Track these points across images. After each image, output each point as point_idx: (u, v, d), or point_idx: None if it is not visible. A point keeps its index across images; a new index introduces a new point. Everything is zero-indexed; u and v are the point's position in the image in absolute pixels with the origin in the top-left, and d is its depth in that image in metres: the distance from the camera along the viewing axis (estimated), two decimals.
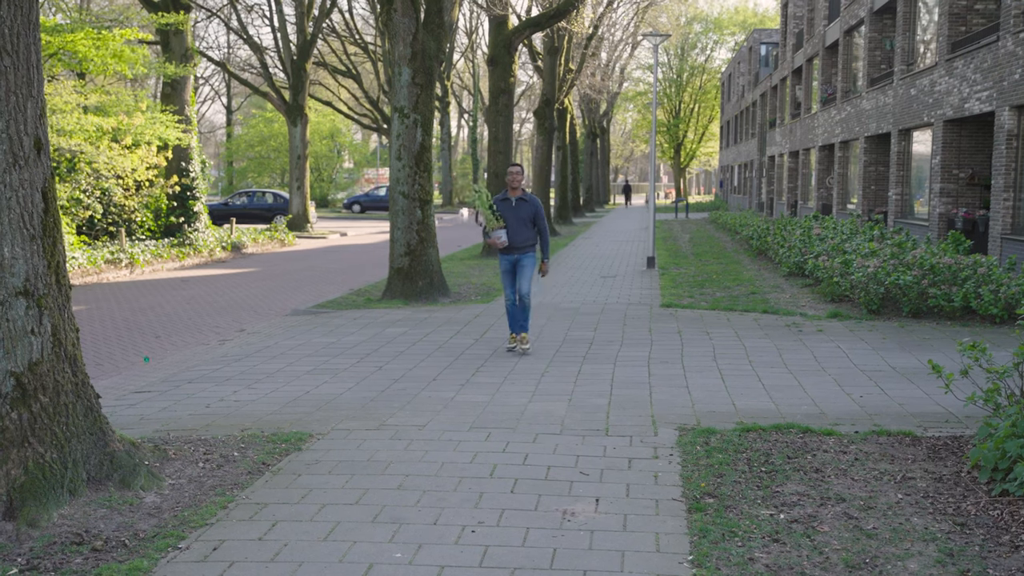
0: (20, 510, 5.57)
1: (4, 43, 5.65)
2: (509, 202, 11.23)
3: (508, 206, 11.21)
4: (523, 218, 11.17)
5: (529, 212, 11.19)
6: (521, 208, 11.20)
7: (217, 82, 75.76)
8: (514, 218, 11.16)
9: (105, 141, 23.43)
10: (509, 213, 11.17)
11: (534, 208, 11.20)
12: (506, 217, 11.14)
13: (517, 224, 11.17)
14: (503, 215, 11.14)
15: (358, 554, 5.17)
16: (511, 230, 11.16)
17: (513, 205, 11.20)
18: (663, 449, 7.17)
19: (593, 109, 61.71)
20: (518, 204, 11.21)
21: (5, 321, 5.69)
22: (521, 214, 11.17)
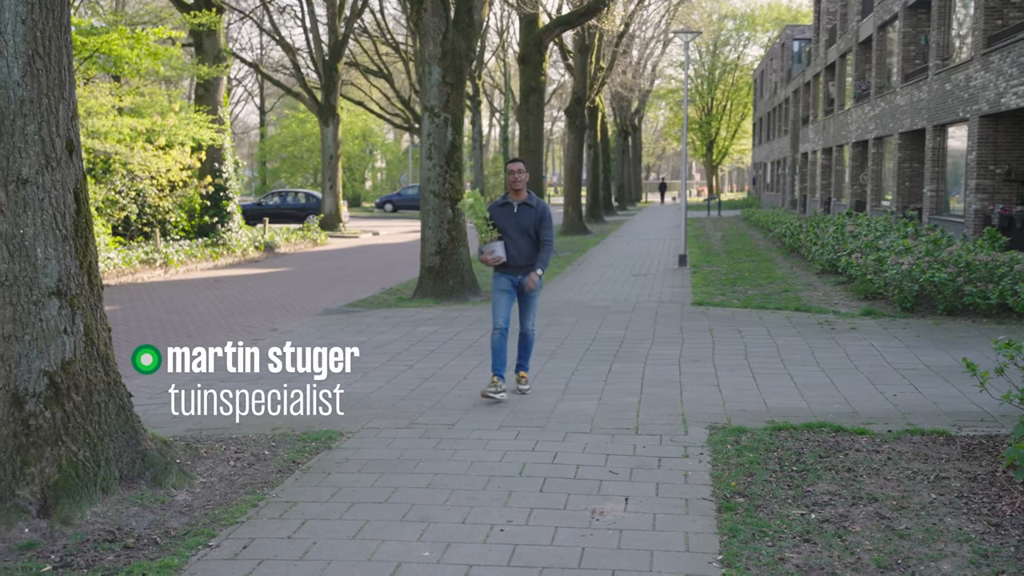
0: (54, 508, 5.64)
1: (36, 46, 5.71)
2: (509, 208, 9.02)
3: (507, 213, 9.01)
4: (526, 228, 8.97)
5: (533, 220, 8.97)
6: (524, 215, 8.97)
7: (250, 83, 76.20)
8: (515, 228, 8.94)
9: (139, 142, 23.63)
10: (508, 222, 8.97)
11: (539, 215, 9.00)
12: (505, 227, 8.96)
13: (518, 235, 8.95)
14: (501, 224, 8.98)
15: (387, 552, 5.18)
16: (511, 243, 8.95)
17: (514, 211, 8.98)
18: (693, 448, 7.14)
19: (624, 107, 61.56)
20: (520, 210, 8.98)
21: (38, 321, 5.75)
22: (523, 222, 8.96)
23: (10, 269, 5.69)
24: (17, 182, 5.67)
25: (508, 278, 8.99)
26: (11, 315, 5.70)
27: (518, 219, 8.98)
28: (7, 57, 5.62)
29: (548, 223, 9.04)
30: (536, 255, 8.96)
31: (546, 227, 9.03)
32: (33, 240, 5.73)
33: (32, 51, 5.69)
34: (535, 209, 9.02)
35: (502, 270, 9.00)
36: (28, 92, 5.68)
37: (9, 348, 5.70)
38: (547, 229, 9.03)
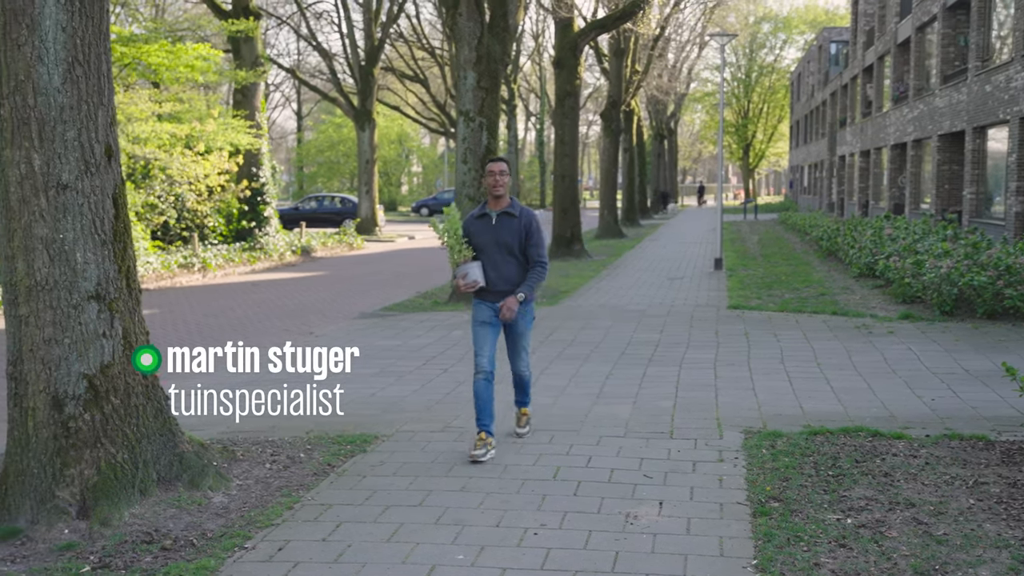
0: (93, 509, 5.71)
1: (76, 53, 5.79)
2: (487, 219, 7.25)
3: (485, 225, 7.24)
4: (507, 243, 7.16)
5: (517, 233, 7.18)
6: (504, 227, 7.19)
7: (287, 88, 76.75)
8: (493, 244, 7.18)
9: (178, 148, 23.89)
10: (486, 236, 7.20)
11: (524, 226, 7.21)
12: (481, 243, 7.20)
13: (498, 253, 7.18)
14: (477, 241, 7.22)
15: (421, 555, 5.20)
16: (489, 263, 7.19)
17: (493, 223, 7.22)
18: (728, 452, 7.10)
19: (660, 110, 61.37)
20: (500, 222, 7.21)
21: (78, 324, 5.83)
22: (504, 237, 7.17)
23: (50, 273, 5.77)
24: (57, 187, 5.75)
25: (488, 307, 7.23)
26: (51, 319, 5.78)
27: (497, 233, 7.17)
28: (48, 64, 5.70)
29: (537, 237, 7.24)
30: (523, 276, 7.24)
31: (535, 242, 7.23)
32: (73, 245, 5.80)
33: (72, 58, 5.77)
34: (518, 220, 7.20)
35: (481, 297, 7.26)
36: (68, 98, 5.76)
37: (49, 351, 5.78)
38: (536, 245, 7.24)
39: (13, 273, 5.81)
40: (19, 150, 5.71)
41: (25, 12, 5.65)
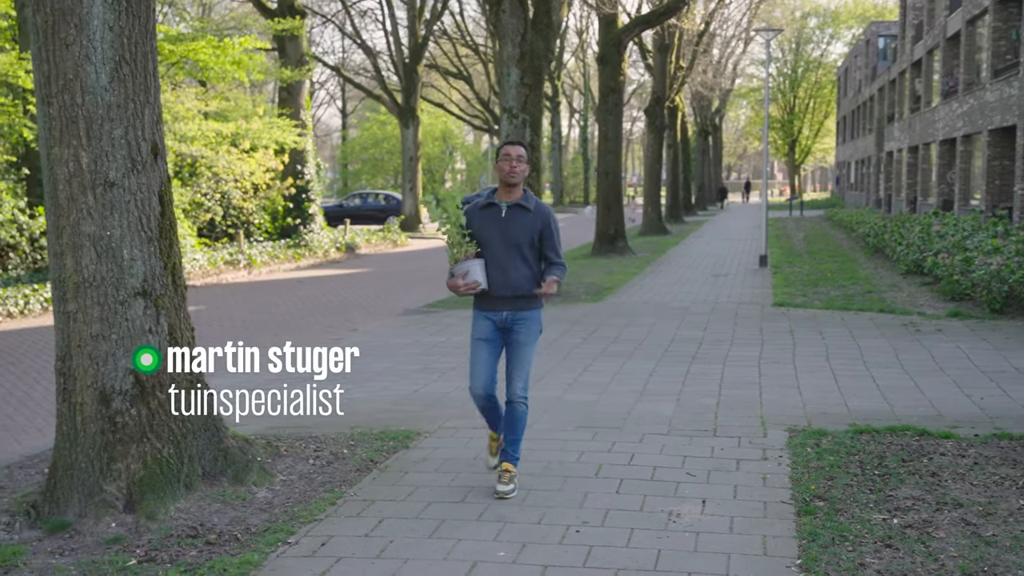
0: (140, 503, 5.77)
1: (123, 52, 5.85)
2: (495, 210, 6.17)
3: (492, 217, 6.16)
4: (518, 241, 6.12)
5: (529, 231, 6.15)
6: (516, 221, 6.15)
7: (332, 86, 77.25)
8: (500, 239, 6.12)
9: (224, 146, 24.12)
10: (491, 230, 6.13)
11: (540, 223, 6.19)
12: (486, 238, 6.12)
13: (506, 251, 6.12)
14: (481, 235, 6.13)
15: (462, 552, 5.21)
16: (493, 262, 6.13)
17: (502, 215, 6.15)
18: (772, 451, 7.04)
19: (705, 106, 61.04)
20: (511, 215, 6.16)
21: (124, 320, 5.89)
22: (514, 233, 6.12)
23: (97, 270, 5.83)
24: (104, 185, 5.81)
25: (488, 319, 6.19)
26: (98, 315, 5.84)
27: (506, 227, 6.12)
28: (95, 63, 5.77)
29: (554, 236, 6.25)
30: (529, 280, 6.17)
31: (554, 242, 6.24)
32: (120, 241, 5.87)
33: (119, 57, 5.83)
34: (533, 215, 6.17)
35: (480, 306, 6.22)
36: (115, 97, 5.83)
37: (97, 347, 5.84)
38: (555, 245, 6.26)
39: (61, 270, 5.89)
40: (67, 148, 5.78)
41: (73, 12, 5.71)
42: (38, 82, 5.86)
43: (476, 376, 6.20)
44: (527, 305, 6.22)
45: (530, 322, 6.23)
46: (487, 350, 6.21)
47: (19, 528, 5.62)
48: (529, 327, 6.23)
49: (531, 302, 6.21)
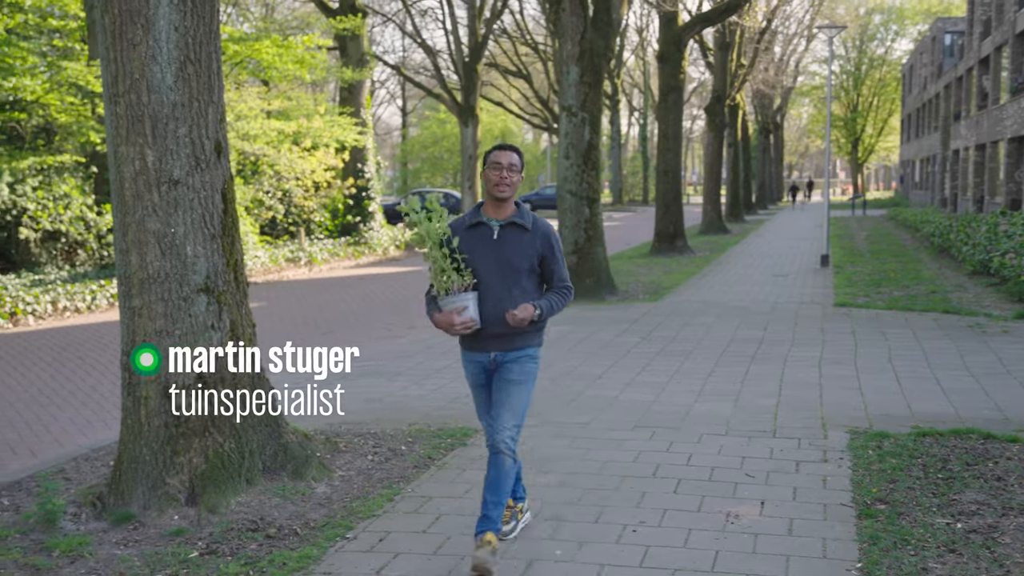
0: (201, 496, 5.86)
1: (188, 52, 5.94)
2: (485, 231, 5.17)
3: (482, 240, 5.15)
4: (514, 267, 5.10)
5: (528, 253, 5.14)
6: (511, 243, 5.13)
7: (392, 85, 77.65)
8: (493, 266, 5.10)
9: (286, 144, 24.38)
10: (483, 255, 5.12)
11: (540, 243, 5.17)
12: (476, 265, 5.10)
13: (499, 280, 5.09)
14: (470, 260, 5.11)
15: (519, 550, 5.21)
16: (486, 294, 5.08)
17: (494, 237, 5.14)
18: (833, 452, 6.96)
19: (766, 104, 60.42)
20: (506, 236, 5.14)
21: (187, 316, 5.98)
22: (510, 258, 5.11)
23: (162, 266, 5.93)
24: (169, 183, 5.90)
25: (475, 362, 5.24)
26: (162, 311, 5.94)
27: (500, 251, 5.10)
28: (161, 63, 5.86)
29: (558, 257, 5.23)
30: None
31: (559, 263, 5.23)
32: (183, 238, 5.96)
33: (184, 57, 5.93)
34: (532, 234, 5.14)
35: (471, 345, 5.20)
36: (180, 96, 5.92)
37: (160, 342, 5.94)
38: (560, 266, 5.24)
39: (127, 266, 5.99)
40: (133, 147, 5.88)
41: (140, 13, 5.81)
42: (106, 82, 5.97)
43: (485, 422, 5.30)
44: (520, 342, 5.13)
45: (525, 358, 5.16)
46: (487, 395, 5.28)
47: (85, 519, 5.73)
48: (523, 365, 5.15)
49: (525, 338, 5.14)
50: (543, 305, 5.10)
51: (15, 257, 19.81)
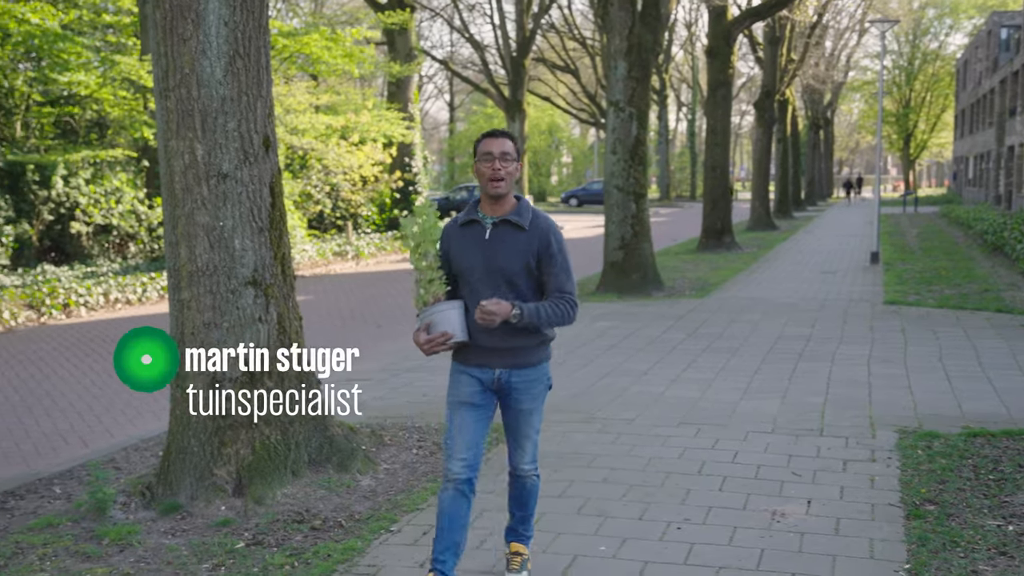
0: (248, 488, 5.91)
1: (237, 47, 5.99)
2: (477, 229, 4.50)
3: (473, 240, 4.49)
4: (506, 270, 4.42)
5: (523, 255, 4.43)
6: (505, 244, 4.45)
7: (440, 80, 77.86)
8: (483, 270, 4.43)
9: (334, 139, 24.55)
10: (473, 256, 4.46)
11: (538, 244, 4.46)
12: (464, 267, 4.48)
13: (490, 286, 4.41)
14: (460, 264, 4.49)
15: (562, 545, 5.21)
16: (476, 303, 4.35)
17: (486, 237, 4.47)
18: (881, 452, 6.88)
19: (816, 100, 59.83)
20: (499, 235, 4.47)
21: (235, 309, 6.04)
22: (502, 260, 4.42)
23: (210, 259, 5.99)
24: (218, 176, 5.96)
25: (471, 375, 4.51)
26: (210, 303, 6.00)
27: (491, 252, 4.42)
28: (211, 58, 5.91)
29: (562, 259, 4.48)
30: None
31: (559, 268, 4.47)
32: (232, 232, 6.01)
33: (233, 51, 5.97)
34: (529, 234, 4.45)
35: (463, 359, 4.53)
36: (229, 90, 5.97)
37: (208, 335, 6.00)
38: (561, 271, 4.47)
39: (176, 259, 6.06)
40: (183, 140, 5.94)
41: (190, 8, 5.87)
42: (157, 76, 6.04)
43: (456, 452, 4.46)
44: (529, 358, 4.49)
45: (534, 382, 4.52)
46: (470, 416, 4.49)
47: (134, 508, 5.81)
48: (533, 388, 4.52)
49: (534, 353, 4.49)
50: (526, 308, 4.30)
51: (68, 250, 20.13)
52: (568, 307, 4.44)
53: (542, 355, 4.56)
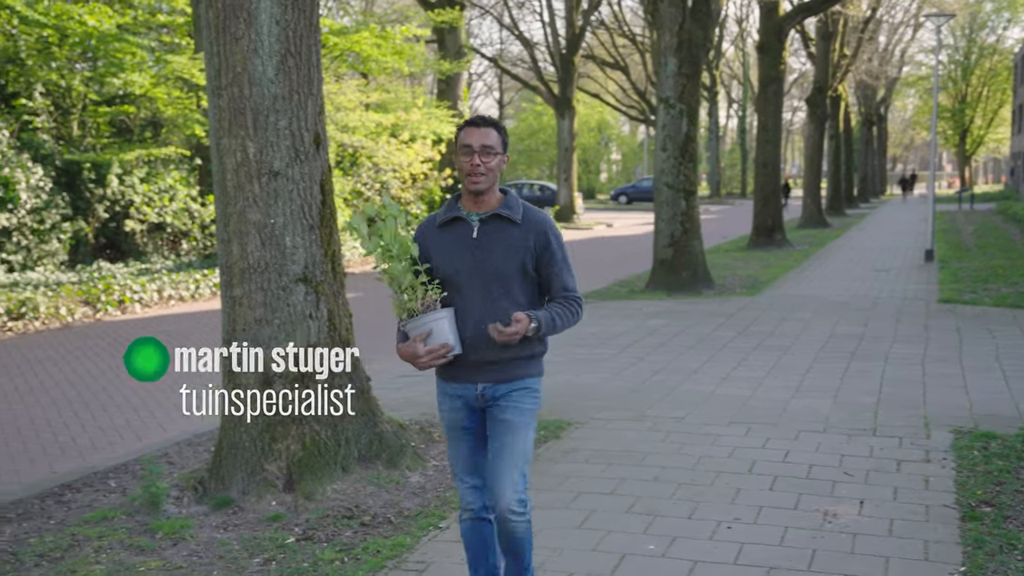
0: (298, 483, 5.96)
1: (289, 45, 6.03)
2: (463, 228, 4.03)
3: (459, 239, 4.03)
4: (500, 271, 3.98)
5: (518, 252, 4.00)
6: (496, 241, 4.00)
7: (489, 77, 77.89)
8: (473, 273, 3.98)
9: (384, 136, 24.65)
10: (460, 258, 4.00)
11: (534, 240, 4.02)
12: (450, 271, 4.00)
13: (483, 290, 3.97)
14: (442, 267, 4.01)
15: (612, 543, 5.19)
16: (465, 309, 3.98)
17: (474, 235, 4.01)
18: (936, 453, 6.78)
19: (869, 95, 59.07)
20: (488, 232, 4.01)
21: (286, 306, 6.08)
22: (495, 259, 3.98)
23: (262, 256, 6.04)
24: (269, 174, 6.01)
25: (456, 396, 4.10)
26: (262, 300, 6.05)
27: (482, 251, 3.97)
28: (262, 56, 5.96)
29: (562, 256, 4.07)
30: None
31: (559, 266, 4.06)
32: (283, 229, 6.06)
33: (285, 50, 6.02)
34: (523, 229, 4.01)
35: (450, 376, 4.08)
36: (280, 89, 6.01)
37: (260, 331, 6.05)
38: (562, 270, 4.07)
39: (228, 256, 6.12)
40: (235, 139, 6.00)
41: (243, 7, 5.92)
42: (209, 75, 6.10)
43: (465, 477, 4.21)
44: (516, 370, 4.04)
45: (522, 394, 4.06)
46: (467, 443, 4.16)
47: (187, 503, 5.88)
48: (520, 402, 4.05)
49: (523, 367, 4.04)
50: (542, 317, 3.93)
51: (123, 247, 20.43)
52: (577, 307, 4.09)
53: (532, 370, 4.09)
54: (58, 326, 13.97)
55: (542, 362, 4.17)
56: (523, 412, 4.05)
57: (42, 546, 5.30)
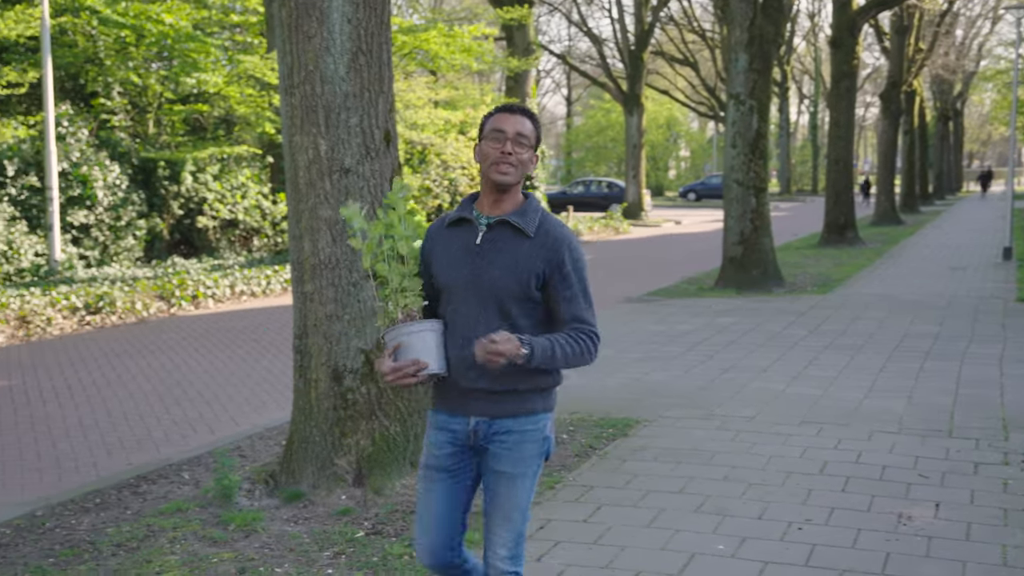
0: (367, 478, 6.00)
1: (360, 43, 6.07)
2: (467, 233, 3.38)
3: (460, 245, 3.38)
4: (498, 288, 3.29)
5: (524, 269, 3.29)
6: (500, 252, 3.32)
7: (558, 74, 77.80)
8: (470, 284, 3.32)
9: (452, 134, 24.78)
10: (457, 267, 3.35)
11: (544, 259, 3.31)
12: (448, 279, 3.37)
13: (479, 306, 3.31)
14: (440, 274, 3.39)
15: (680, 543, 5.15)
16: (456, 326, 3.33)
17: (477, 241, 3.34)
18: (1015, 455, 6.63)
19: (945, 90, 57.93)
20: (493, 241, 3.34)
21: (356, 302, 6.12)
22: (494, 273, 3.30)
23: (333, 253, 6.09)
24: (340, 171, 6.05)
25: (450, 429, 3.46)
26: (333, 296, 6.10)
27: (482, 262, 3.35)
28: (334, 54, 6.01)
29: (575, 281, 3.36)
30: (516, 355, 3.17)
31: (573, 291, 3.37)
32: None
33: (356, 48, 6.06)
34: (535, 243, 3.35)
35: (442, 403, 3.49)
36: (352, 87, 6.06)
37: (331, 327, 6.10)
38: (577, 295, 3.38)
39: (300, 252, 6.18)
40: (307, 136, 6.05)
41: (315, 6, 5.97)
42: (282, 73, 6.16)
43: (426, 529, 3.53)
44: (515, 405, 3.39)
45: (524, 437, 3.41)
46: (443, 488, 3.50)
47: (258, 496, 5.95)
48: (519, 448, 3.41)
49: (527, 400, 3.39)
50: (537, 344, 3.20)
51: (196, 243, 20.78)
52: (589, 342, 3.33)
53: (537, 405, 3.41)
54: (134, 320, 14.25)
55: (553, 396, 3.51)
56: (522, 461, 3.40)
57: (119, 536, 5.41)
